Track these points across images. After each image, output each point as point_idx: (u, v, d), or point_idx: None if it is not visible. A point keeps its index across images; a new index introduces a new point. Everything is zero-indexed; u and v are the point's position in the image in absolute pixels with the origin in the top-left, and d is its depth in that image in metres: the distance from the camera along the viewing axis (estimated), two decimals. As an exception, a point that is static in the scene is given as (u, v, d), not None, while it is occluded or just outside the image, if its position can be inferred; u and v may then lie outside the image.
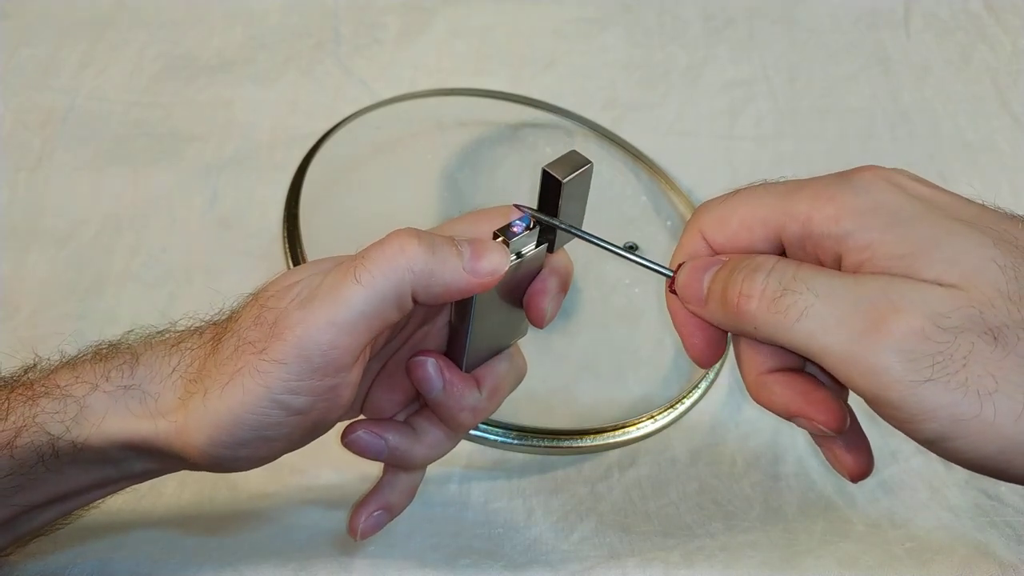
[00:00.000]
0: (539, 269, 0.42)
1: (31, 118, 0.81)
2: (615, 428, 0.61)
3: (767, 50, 0.88)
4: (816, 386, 0.35)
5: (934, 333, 0.30)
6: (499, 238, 0.39)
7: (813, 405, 0.35)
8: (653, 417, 0.62)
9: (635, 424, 0.62)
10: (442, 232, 0.40)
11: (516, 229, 0.39)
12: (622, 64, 0.87)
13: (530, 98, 0.81)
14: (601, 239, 0.40)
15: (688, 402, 0.64)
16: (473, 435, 0.57)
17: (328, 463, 0.60)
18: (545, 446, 0.59)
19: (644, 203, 0.79)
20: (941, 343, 0.30)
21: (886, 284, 0.31)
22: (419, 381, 0.42)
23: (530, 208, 0.40)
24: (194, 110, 0.82)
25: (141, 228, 0.76)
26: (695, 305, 0.37)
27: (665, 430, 0.63)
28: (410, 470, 0.45)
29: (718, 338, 0.38)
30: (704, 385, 0.65)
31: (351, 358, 0.37)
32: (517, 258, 0.39)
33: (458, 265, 0.37)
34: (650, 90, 0.86)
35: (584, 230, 0.40)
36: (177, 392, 0.39)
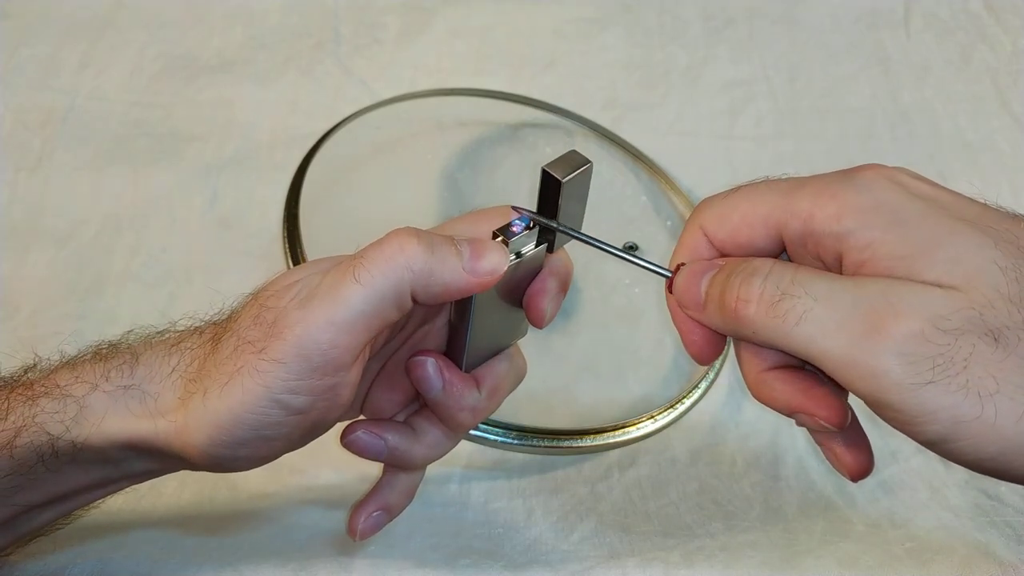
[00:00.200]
0: (539, 269, 0.42)
1: (31, 118, 0.81)
2: (615, 428, 0.61)
3: (767, 50, 0.88)
4: (817, 382, 0.35)
5: (934, 335, 0.30)
6: (498, 238, 0.39)
7: (814, 401, 0.35)
8: (653, 417, 0.62)
9: (635, 424, 0.62)
10: (442, 232, 0.40)
11: (515, 229, 0.39)
12: (622, 64, 0.87)
13: (530, 98, 0.81)
14: (599, 240, 0.40)
15: (688, 402, 0.64)
16: (473, 435, 0.57)
17: (328, 463, 0.60)
18: (545, 446, 0.59)
19: (644, 203, 0.79)
20: (941, 345, 0.30)
21: (886, 287, 0.31)
22: (418, 381, 0.42)
23: (528, 210, 0.40)
24: (194, 110, 0.82)
25: (141, 228, 0.76)
26: (693, 310, 0.37)
27: (665, 430, 0.63)
28: (409, 470, 0.45)
29: (717, 336, 0.38)
30: (704, 385, 0.65)
31: (350, 357, 0.37)
32: (516, 258, 0.39)
33: (457, 264, 0.37)
34: (650, 90, 0.86)
35: (582, 232, 0.40)
36: (177, 392, 0.39)
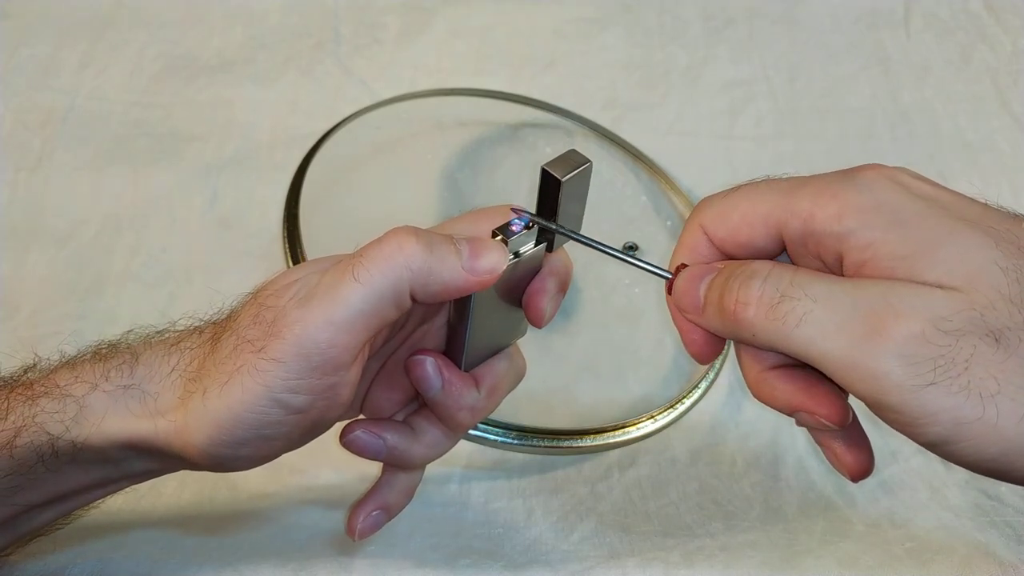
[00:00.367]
0: (538, 268, 0.42)
1: (31, 118, 0.81)
2: (615, 428, 0.61)
3: (767, 50, 0.88)
4: (817, 380, 0.35)
5: (935, 337, 0.30)
6: (498, 237, 0.39)
7: (815, 399, 0.35)
8: (653, 417, 0.62)
9: (635, 424, 0.62)
10: (441, 231, 0.39)
11: (515, 228, 0.39)
12: (622, 64, 0.87)
13: (530, 98, 0.81)
14: (598, 242, 0.40)
15: (688, 402, 0.64)
16: (473, 435, 0.57)
17: (328, 463, 0.60)
18: (545, 446, 0.59)
19: (644, 203, 0.79)
20: (942, 346, 0.30)
21: (886, 288, 0.31)
22: (418, 380, 0.42)
23: (528, 211, 0.40)
24: (194, 110, 0.82)
25: (141, 228, 0.76)
26: (693, 314, 0.37)
27: (665, 430, 0.63)
28: (409, 470, 0.45)
29: (717, 335, 0.38)
30: (704, 385, 0.65)
31: (350, 357, 0.37)
32: (515, 257, 0.39)
33: (456, 263, 0.37)
34: (650, 90, 0.86)
35: (581, 234, 0.40)
36: (177, 391, 0.39)
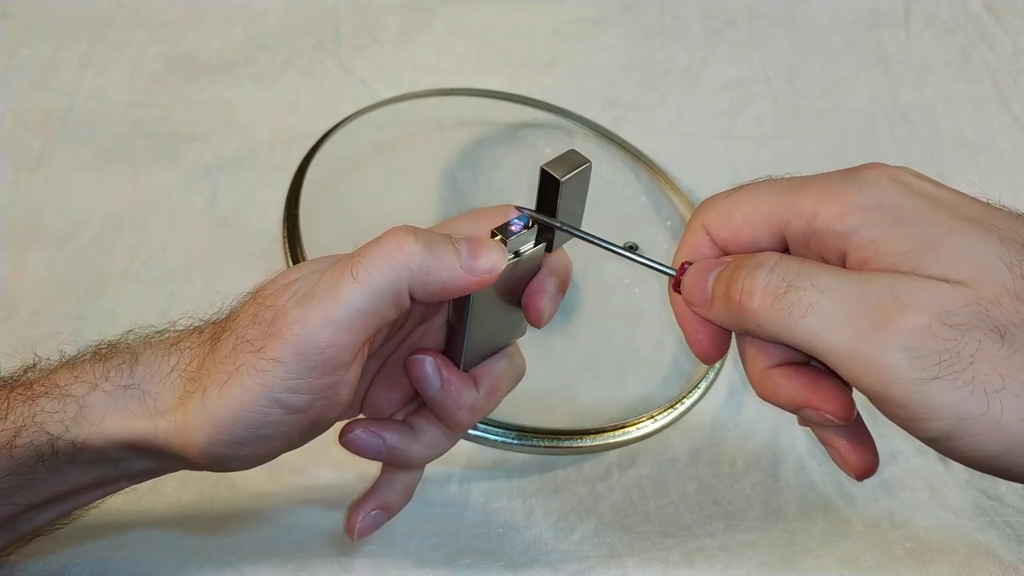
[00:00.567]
0: (537, 268, 0.42)
1: (31, 118, 0.81)
2: (615, 428, 0.61)
3: (767, 50, 0.88)
4: (821, 376, 0.35)
5: (941, 330, 0.30)
6: (497, 237, 0.39)
7: (819, 395, 0.35)
8: (653, 417, 0.62)
9: (635, 424, 0.62)
10: (441, 231, 0.39)
11: (514, 228, 0.39)
12: (622, 64, 0.87)
13: (530, 98, 0.81)
14: (602, 239, 0.40)
15: (688, 402, 0.64)
16: (473, 435, 0.57)
17: (328, 463, 0.60)
18: (545, 446, 0.59)
19: (644, 203, 0.79)
20: (948, 340, 0.30)
21: (893, 281, 0.31)
22: (417, 379, 0.42)
23: (531, 209, 0.40)
24: (194, 110, 0.82)
25: (141, 228, 0.76)
26: (701, 307, 0.37)
27: (665, 430, 0.63)
28: (408, 469, 0.45)
29: (722, 335, 0.38)
30: (704, 385, 0.65)
31: (349, 356, 0.37)
32: (515, 257, 0.39)
33: (455, 263, 0.37)
34: (650, 90, 0.86)
35: (584, 230, 0.40)
36: (176, 391, 0.39)
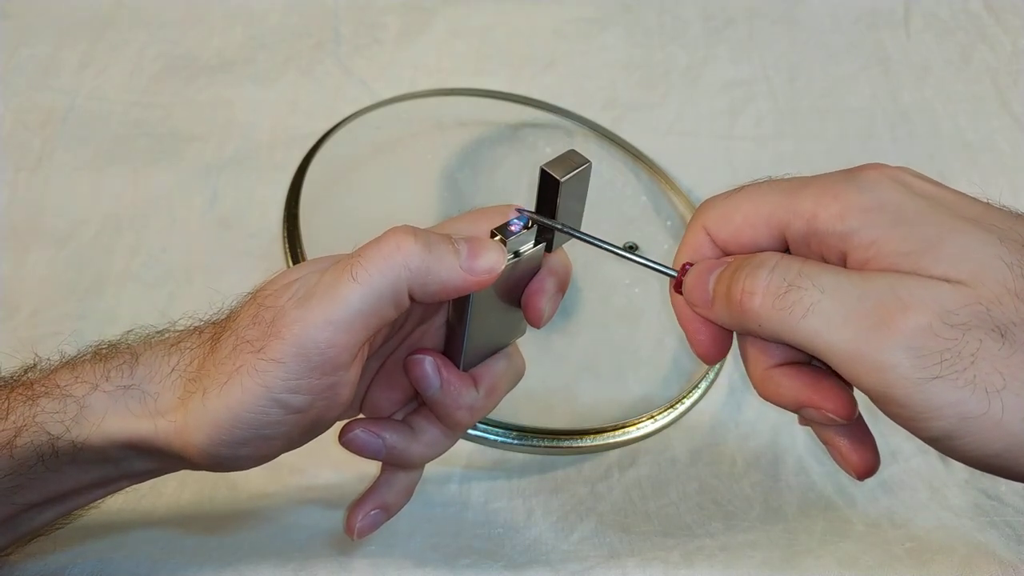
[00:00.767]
0: (537, 268, 0.42)
1: (31, 118, 0.81)
2: (615, 428, 0.61)
3: (767, 50, 0.88)
4: (823, 376, 0.35)
5: (942, 330, 0.30)
6: (496, 237, 0.39)
7: (821, 394, 0.35)
8: (653, 417, 0.62)
9: (635, 424, 0.62)
10: (441, 231, 0.40)
11: (514, 228, 0.39)
12: (622, 64, 0.87)
13: (530, 98, 0.81)
14: (602, 240, 0.40)
15: (688, 402, 0.64)
16: (473, 435, 0.57)
17: (328, 463, 0.60)
18: (545, 446, 0.59)
19: (644, 203, 0.79)
20: (949, 340, 0.30)
21: (894, 281, 0.31)
22: (416, 379, 0.42)
23: (530, 211, 0.40)
24: (194, 110, 0.82)
25: (141, 228, 0.76)
26: (702, 308, 0.37)
27: (665, 430, 0.63)
28: (408, 469, 0.45)
29: (724, 335, 0.38)
30: (704, 385, 0.65)
31: (349, 356, 0.37)
32: (514, 257, 0.39)
33: (455, 263, 0.37)
34: (650, 90, 0.86)
35: (584, 232, 0.40)
36: (176, 392, 0.39)
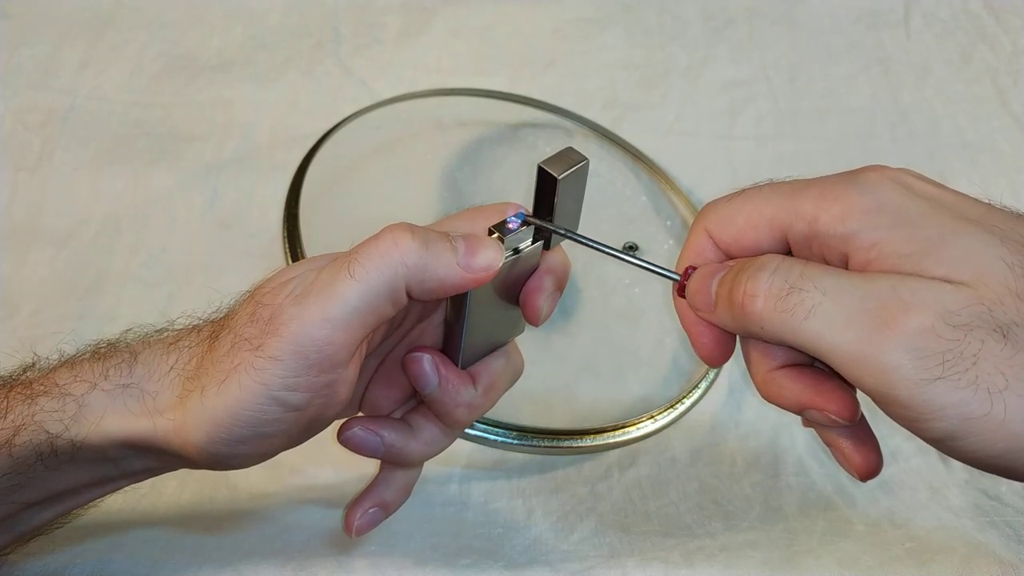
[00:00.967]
0: (535, 266, 0.42)
1: (31, 118, 0.81)
2: (615, 428, 0.61)
3: (767, 50, 0.88)
4: (825, 377, 0.35)
5: (944, 331, 0.30)
6: (494, 234, 0.39)
7: (823, 396, 0.35)
8: (653, 417, 0.62)
9: (635, 424, 0.62)
10: (439, 228, 0.39)
11: (511, 225, 0.39)
12: (622, 64, 0.87)
13: (530, 98, 0.81)
14: (599, 242, 0.39)
15: (688, 402, 0.64)
16: (473, 435, 0.57)
17: (327, 462, 0.60)
18: (545, 446, 0.59)
19: (644, 203, 0.79)
20: (951, 341, 0.30)
21: (896, 282, 0.31)
22: (415, 377, 0.42)
23: (528, 212, 0.39)
24: (194, 110, 0.82)
25: (141, 228, 0.76)
26: (705, 312, 0.37)
27: (665, 430, 0.63)
28: (406, 467, 0.45)
29: (727, 338, 0.38)
30: (704, 385, 0.65)
31: (347, 354, 0.37)
32: (512, 254, 0.39)
33: (452, 260, 0.37)
34: (650, 90, 0.86)
35: (583, 235, 0.40)
36: (175, 390, 0.39)
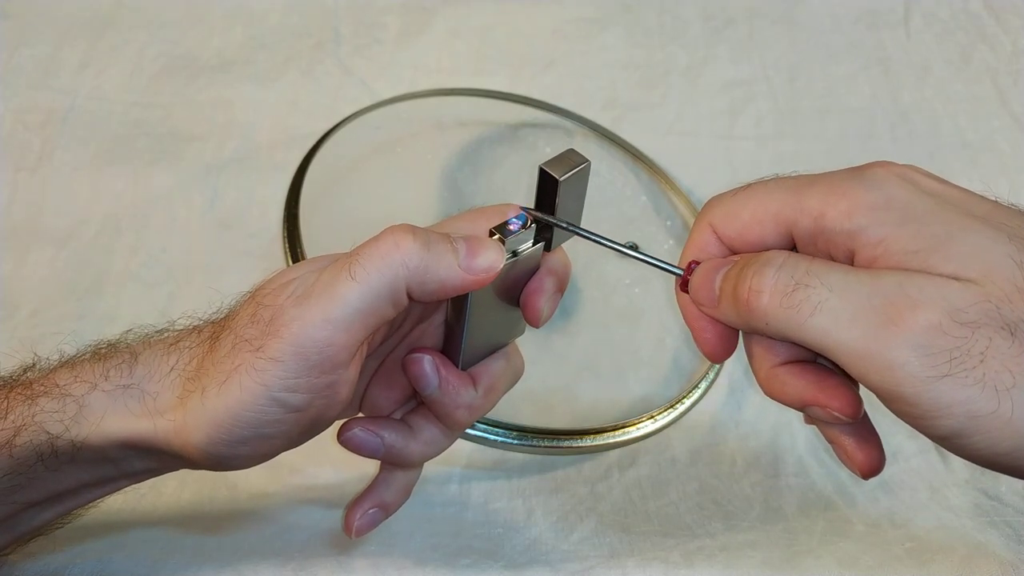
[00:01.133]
0: (536, 268, 0.42)
1: (31, 118, 0.81)
2: (615, 428, 0.61)
3: (767, 50, 0.88)
4: (828, 374, 0.35)
5: (952, 328, 0.30)
6: (495, 236, 0.39)
7: (826, 392, 0.34)
8: (653, 417, 0.62)
9: (635, 424, 0.62)
10: (440, 229, 0.40)
11: (512, 227, 0.39)
12: (622, 64, 0.87)
13: (530, 98, 0.81)
14: (604, 237, 0.39)
15: (688, 402, 0.64)
16: (473, 435, 0.57)
17: (327, 462, 0.60)
18: (545, 446, 0.59)
19: (644, 203, 0.79)
20: (958, 338, 0.29)
21: (903, 278, 0.31)
22: (415, 378, 0.42)
23: (530, 209, 0.40)
24: (194, 110, 0.82)
25: (141, 228, 0.76)
26: (708, 307, 0.36)
27: (665, 430, 0.63)
28: (406, 468, 0.45)
29: (730, 333, 0.37)
30: (704, 385, 0.65)
31: (348, 355, 0.37)
32: (513, 256, 0.39)
33: (453, 261, 0.37)
34: (650, 90, 0.86)
35: (585, 228, 0.40)
36: (176, 391, 0.39)
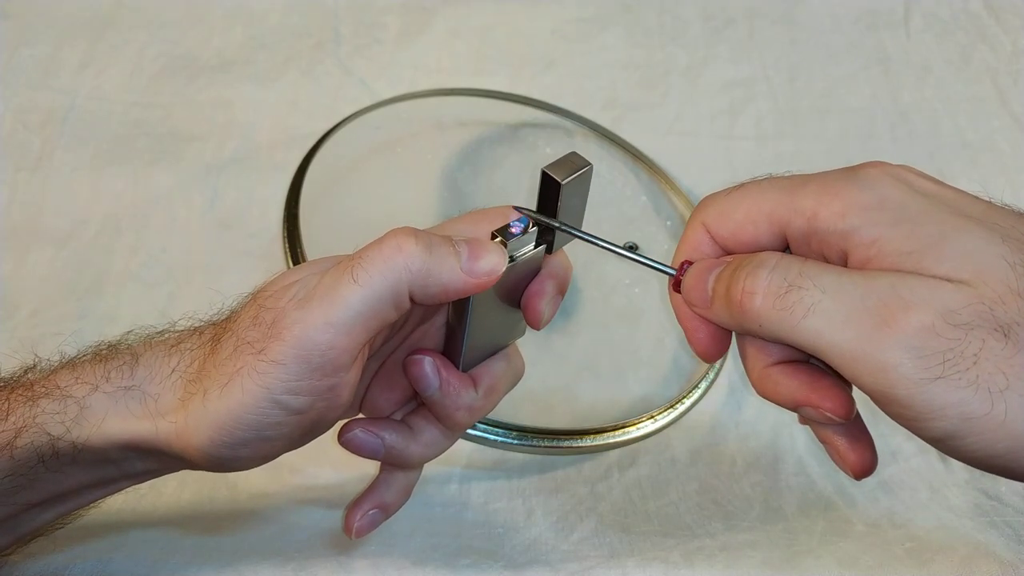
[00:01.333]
0: (537, 270, 0.42)
1: (31, 118, 0.81)
2: (615, 428, 0.61)
3: (767, 50, 0.88)
4: (821, 374, 0.35)
5: (945, 330, 0.29)
6: (497, 238, 0.39)
7: (819, 393, 0.34)
8: (653, 417, 0.62)
9: (635, 424, 0.62)
10: (441, 232, 0.40)
11: (514, 230, 0.39)
12: (622, 64, 0.87)
13: (530, 98, 0.81)
14: (601, 239, 0.40)
15: (688, 402, 0.64)
16: (473, 435, 0.57)
17: (328, 463, 0.60)
18: (545, 446, 0.59)
19: (644, 203, 0.79)
20: (952, 340, 0.29)
21: (896, 280, 0.31)
22: (416, 379, 0.42)
23: (530, 211, 0.40)
24: (194, 110, 0.82)
25: (141, 228, 0.76)
26: (701, 307, 0.36)
27: (665, 430, 0.63)
28: (406, 469, 0.45)
29: (722, 333, 0.37)
30: (704, 385, 0.65)
31: (349, 358, 0.37)
32: (514, 259, 0.39)
33: (455, 265, 0.37)
34: (650, 90, 0.86)
35: (584, 231, 0.40)
36: (177, 393, 0.39)
